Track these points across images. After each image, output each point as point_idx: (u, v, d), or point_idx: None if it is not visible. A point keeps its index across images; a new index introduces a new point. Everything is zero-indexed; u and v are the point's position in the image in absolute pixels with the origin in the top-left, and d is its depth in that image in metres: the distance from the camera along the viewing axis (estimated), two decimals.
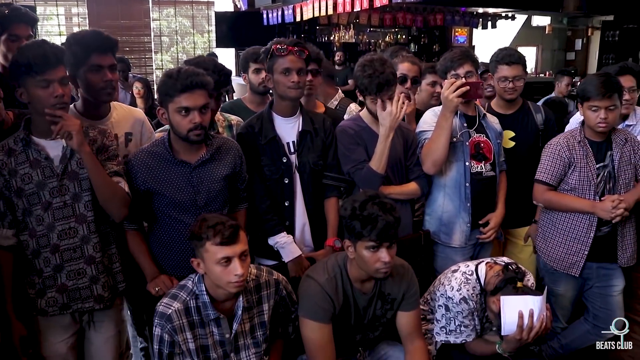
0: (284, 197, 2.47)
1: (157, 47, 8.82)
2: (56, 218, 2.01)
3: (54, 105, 1.91)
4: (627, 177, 2.62)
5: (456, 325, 2.28)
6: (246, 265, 1.87)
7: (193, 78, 2.01)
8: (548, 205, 2.74)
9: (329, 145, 2.54)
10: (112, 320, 2.23)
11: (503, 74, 2.86)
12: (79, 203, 2.04)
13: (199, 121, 2.03)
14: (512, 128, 2.97)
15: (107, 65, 2.18)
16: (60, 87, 1.92)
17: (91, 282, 2.08)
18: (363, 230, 1.92)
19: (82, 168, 2.03)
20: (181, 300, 1.90)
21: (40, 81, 1.88)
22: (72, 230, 2.03)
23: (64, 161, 2.01)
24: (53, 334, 2.09)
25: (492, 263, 2.30)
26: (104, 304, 2.13)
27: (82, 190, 2.04)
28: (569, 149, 2.61)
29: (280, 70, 2.37)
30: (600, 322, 2.77)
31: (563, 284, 2.77)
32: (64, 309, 2.06)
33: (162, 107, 2.10)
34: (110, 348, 2.25)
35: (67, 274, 2.04)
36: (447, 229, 2.73)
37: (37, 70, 1.87)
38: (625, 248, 2.66)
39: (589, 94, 2.50)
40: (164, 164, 2.15)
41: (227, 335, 1.95)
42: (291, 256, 2.40)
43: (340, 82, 7.97)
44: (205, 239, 1.81)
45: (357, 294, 2.11)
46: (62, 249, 2.03)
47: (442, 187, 2.72)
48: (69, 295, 2.06)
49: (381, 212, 1.91)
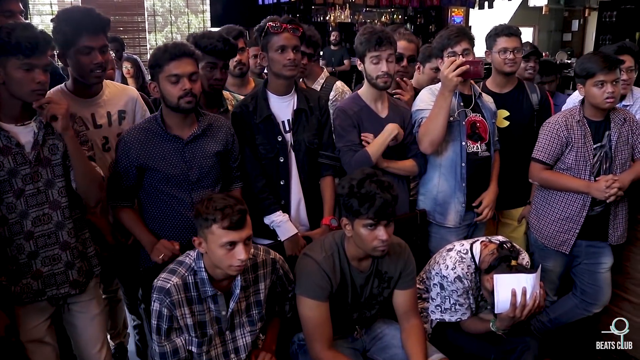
0: (279, 176, 2.46)
1: (151, 26, 8.71)
2: (29, 205, 1.96)
3: (34, 91, 1.86)
4: (624, 157, 2.63)
5: (451, 303, 2.30)
6: (249, 249, 1.88)
7: (180, 47, 2.06)
8: (544, 184, 2.74)
9: (324, 123, 2.53)
10: (91, 301, 2.21)
11: (503, 46, 2.85)
12: (52, 189, 2.00)
13: (188, 87, 2.05)
14: (507, 107, 2.95)
15: (98, 46, 2.15)
16: (42, 74, 1.87)
17: (66, 267, 2.06)
18: (361, 208, 1.91)
19: (54, 154, 2.00)
20: (179, 275, 1.90)
21: (24, 64, 1.82)
22: (47, 217, 2.00)
23: (36, 147, 1.95)
24: (30, 319, 2.07)
25: (487, 242, 2.31)
26: (80, 288, 2.11)
27: (55, 177, 2.01)
28: (567, 128, 2.60)
29: (275, 48, 2.34)
30: (588, 298, 2.81)
31: (552, 260, 2.80)
32: (39, 295, 2.04)
33: (154, 80, 2.12)
34: (97, 327, 2.23)
35: (42, 260, 2.01)
36: (442, 209, 2.73)
37: (24, 53, 1.81)
38: (616, 227, 2.68)
39: (593, 70, 2.49)
40: (157, 140, 2.16)
41: (224, 312, 1.96)
42: (287, 235, 2.40)
43: (335, 63, 7.92)
44: (212, 221, 1.80)
45: (354, 273, 2.11)
46: (36, 235, 1.99)
47: (437, 167, 2.71)
48: (44, 281, 2.03)
49: (379, 190, 1.90)
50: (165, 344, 1.91)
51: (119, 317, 3.05)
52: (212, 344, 1.97)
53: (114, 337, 3.05)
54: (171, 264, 1.96)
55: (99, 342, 2.24)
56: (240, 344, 2.04)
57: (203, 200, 1.86)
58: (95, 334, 2.23)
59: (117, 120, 2.35)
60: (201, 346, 1.94)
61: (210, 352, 1.97)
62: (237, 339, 2.03)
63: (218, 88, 2.55)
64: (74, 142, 1.95)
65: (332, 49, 8.38)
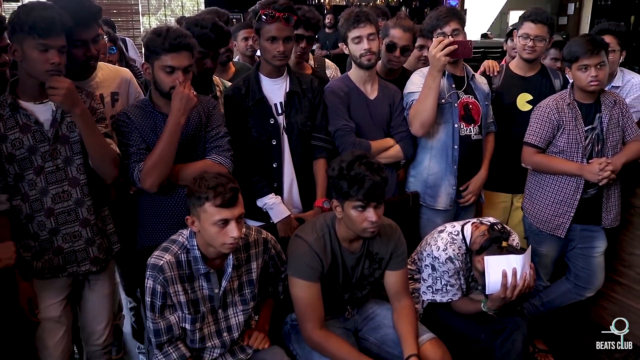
0: (272, 158, 2.46)
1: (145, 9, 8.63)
2: (49, 182, 2.01)
3: (48, 72, 1.87)
4: (615, 140, 2.64)
5: (442, 284, 2.32)
6: (241, 227, 1.89)
7: (181, 39, 2.05)
8: (536, 168, 2.75)
9: (317, 105, 2.53)
10: (106, 279, 2.27)
11: (525, 31, 2.82)
12: (71, 166, 2.04)
13: (182, 80, 2.07)
14: (530, 91, 2.94)
15: (91, 38, 2.15)
16: (58, 55, 1.88)
17: (87, 244, 2.10)
18: (350, 190, 1.92)
19: (72, 131, 2.03)
20: (172, 253, 1.92)
21: (40, 44, 1.84)
22: (66, 194, 2.04)
23: (55, 125, 2.00)
24: (47, 296, 2.11)
25: (478, 223, 2.33)
26: (100, 265, 2.15)
27: (74, 154, 2.04)
28: (558, 111, 2.61)
29: (266, 37, 2.34)
30: (581, 282, 2.83)
31: (547, 244, 2.81)
32: (60, 272, 2.08)
33: (147, 62, 2.13)
34: (106, 306, 2.29)
35: (62, 237, 2.06)
36: (432, 191, 2.74)
37: (40, 33, 1.82)
38: (609, 210, 2.69)
39: (577, 53, 2.50)
40: (149, 116, 2.19)
41: (216, 290, 1.98)
42: (280, 216, 2.41)
43: (330, 46, 7.84)
44: (205, 200, 1.82)
45: (345, 254, 2.13)
46: (56, 212, 2.03)
47: (428, 149, 2.71)
48: (65, 257, 2.07)
49: (368, 172, 1.91)
50: (159, 321, 1.93)
51: (116, 300, 3.07)
52: (205, 321, 2.00)
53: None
54: (164, 242, 1.98)
55: (105, 320, 2.29)
56: (233, 323, 2.06)
57: (195, 179, 1.87)
58: (104, 311, 2.29)
59: (109, 103, 2.36)
60: (194, 323, 1.96)
61: (203, 329, 2.00)
62: (229, 318, 2.05)
63: (209, 75, 2.54)
64: (83, 119, 1.96)
65: (327, 32, 8.27)
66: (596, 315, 3.34)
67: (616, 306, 3.22)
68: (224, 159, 2.22)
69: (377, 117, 2.65)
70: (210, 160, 2.20)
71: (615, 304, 3.22)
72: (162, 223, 2.25)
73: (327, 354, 2.03)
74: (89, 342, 2.32)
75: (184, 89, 2.06)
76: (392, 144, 2.66)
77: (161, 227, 2.24)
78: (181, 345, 1.97)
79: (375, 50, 2.52)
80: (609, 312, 3.26)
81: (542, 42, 2.84)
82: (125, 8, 8.45)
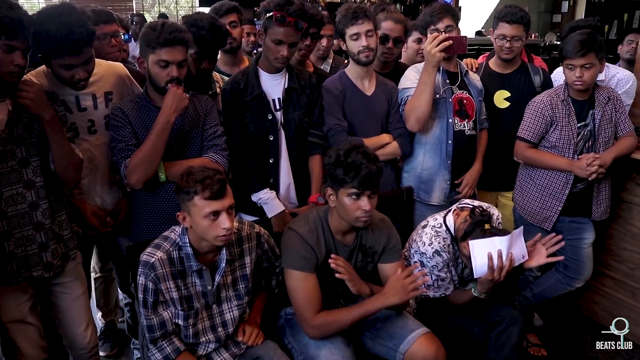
0: (268, 154, 2.47)
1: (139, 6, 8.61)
2: (2, 183, 1.91)
3: (11, 73, 1.81)
4: (607, 135, 2.66)
5: (433, 280, 2.33)
6: (232, 218, 1.90)
7: (176, 34, 2.06)
8: (528, 162, 2.78)
9: (314, 102, 2.53)
10: (74, 282, 2.19)
11: (501, 32, 2.83)
12: (26, 169, 1.95)
13: (175, 75, 2.09)
14: (509, 88, 2.95)
15: (81, 63, 2.06)
16: (22, 57, 1.80)
17: (40, 249, 2.02)
18: (346, 177, 1.94)
19: (29, 133, 1.94)
20: (164, 250, 1.92)
21: (5, 45, 1.76)
22: (20, 196, 1.95)
23: (10, 125, 1.90)
24: (10, 299, 2.04)
25: (459, 210, 2.34)
26: (53, 271, 2.07)
27: (30, 156, 1.95)
28: (552, 107, 2.63)
29: (272, 39, 2.33)
30: (571, 273, 2.87)
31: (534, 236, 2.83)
32: (14, 277, 1.99)
33: (142, 56, 2.13)
34: (82, 307, 2.23)
35: (15, 241, 1.96)
36: (426, 186, 2.75)
37: (5, 34, 1.74)
38: (599, 203, 2.73)
39: (565, 52, 2.54)
40: (144, 110, 2.19)
41: (209, 287, 1.99)
42: (275, 211, 2.42)
43: None
44: (194, 193, 1.82)
45: (338, 246, 2.14)
46: (9, 215, 1.94)
47: (422, 145, 2.72)
48: (18, 262, 1.98)
49: (365, 161, 1.93)
50: (152, 317, 1.93)
51: (112, 296, 3.07)
52: (199, 317, 2.00)
53: (106, 315, 3.08)
54: (156, 238, 1.98)
55: (84, 322, 2.23)
56: (227, 318, 2.06)
57: (182, 175, 1.88)
58: (80, 313, 2.22)
59: (103, 103, 2.27)
60: (187, 319, 1.97)
61: (197, 324, 2.00)
62: (224, 313, 2.06)
63: (206, 75, 2.55)
64: (51, 125, 1.92)
65: None
66: (588, 310, 3.37)
67: (608, 300, 3.25)
68: (221, 158, 2.23)
69: (375, 113, 2.65)
70: (207, 158, 2.21)
71: (607, 298, 3.25)
72: (155, 219, 2.25)
73: (334, 326, 2.02)
74: (74, 347, 2.26)
75: (177, 89, 2.06)
76: (388, 140, 2.67)
77: (155, 223, 2.25)
78: (175, 339, 1.98)
79: (373, 46, 2.53)
80: (601, 307, 3.29)
81: (519, 42, 2.84)
82: (119, 4, 8.42)
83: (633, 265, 3.09)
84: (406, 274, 2.00)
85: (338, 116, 2.56)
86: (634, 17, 8.74)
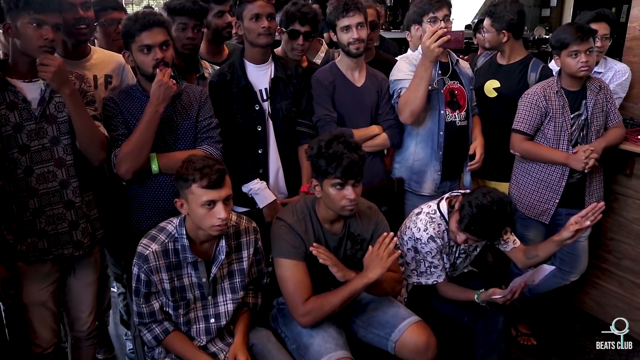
0: (257, 144, 2.47)
1: None
2: (34, 161, 1.98)
3: (41, 48, 1.86)
4: (599, 124, 2.69)
5: (426, 266, 2.35)
6: (229, 209, 1.90)
7: (150, 17, 2.08)
8: (524, 155, 2.78)
9: (301, 91, 2.53)
10: (91, 267, 2.25)
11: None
12: (57, 147, 2.01)
13: (160, 56, 2.09)
14: (499, 78, 2.97)
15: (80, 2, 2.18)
16: (52, 31, 1.88)
17: (70, 227, 2.07)
18: (328, 168, 1.95)
19: (60, 112, 2.01)
20: (159, 242, 1.92)
21: (34, 19, 1.84)
22: (51, 174, 2.01)
23: (42, 104, 1.97)
24: (34, 281, 2.09)
25: (451, 197, 2.37)
26: (83, 250, 2.13)
27: (61, 134, 2.02)
28: (546, 99, 2.64)
29: (249, 17, 2.34)
30: (566, 266, 2.88)
31: (533, 230, 2.86)
32: (44, 255, 2.05)
33: (127, 50, 2.14)
34: (89, 294, 2.28)
35: (46, 218, 2.02)
36: (417, 177, 2.77)
37: (35, 8, 1.82)
38: (592, 192, 2.75)
39: (567, 40, 2.54)
40: (137, 101, 2.18)
41: (204, 279, 1.98)
42: (266, 202, 2.42)
43: None
44: (192, 181, 1.82)
45: (327, 235, 2.14)
46: (40, 192, 2.00)
47: (414, 136, 2.73)
48: (49, 240, 2.04)
49: (346, 150, 1.94)
50: (143, 306, 1.95)
51: (105, 295, 3.06)
52: (191, 307, 2.01)
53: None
54: (153, 229, 1.98)
55: (89, 308, 2.28)
56: (221, 310, 2.06)
57: (183, 162, 1.88)
58: (88, 299, 2.27)
59: (103, 84, 2.37)
60: (177, 310, 1.98)
61: (189, 314, 2.01)
62: (219, 305, 2.05)
63: (192, 48, 2.54)
64: (72, 100, 1.94)
65: None
66: (577, 300, 3.40)
67: (597, 290, 3.28)
68: (215, 150, 2.23)
69: (364, 104, 2.65)
70: (201, 150, 2.21)
71: (596, 288, 3.29)
72: (150, 209, 2.25)
73: (324, 310, 2.02)
74: (74, 328, 2.31)
75: (163, 77, 2.06)
76: (377, 131, 2.67)
77: (150, 214, 2.24)
78: (165, 322, 1.99)
79: (364, 38, 2.53)
80: (590, 297, 3.33)
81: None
82: None
83: (620, 255, 3.13)
84: (377, 246, 2.01)
85: (328, 107, 2.56)
86: (621, 11, 8.80)
